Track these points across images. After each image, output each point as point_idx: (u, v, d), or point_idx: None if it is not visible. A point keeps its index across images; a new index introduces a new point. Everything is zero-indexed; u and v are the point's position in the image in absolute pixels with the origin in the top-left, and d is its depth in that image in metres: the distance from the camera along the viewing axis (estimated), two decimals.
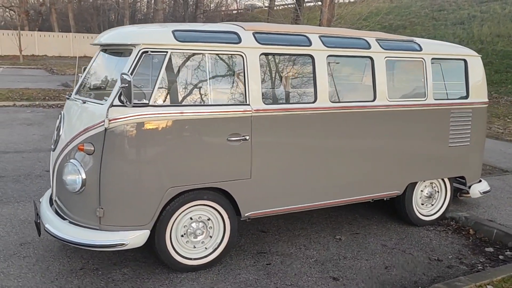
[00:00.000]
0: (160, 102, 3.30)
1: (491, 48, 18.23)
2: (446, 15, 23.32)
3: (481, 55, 4.88)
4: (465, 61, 4.64)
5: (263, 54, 3.66)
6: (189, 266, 3.57)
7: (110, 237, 3.25)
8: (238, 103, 3.54)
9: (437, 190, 4.78)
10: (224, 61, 3.57)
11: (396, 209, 4.74)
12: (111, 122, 3.13)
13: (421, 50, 4.37)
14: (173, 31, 3.34)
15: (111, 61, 3.77)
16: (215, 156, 3.46)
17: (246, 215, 3.71)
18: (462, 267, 3.90)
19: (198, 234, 3.58)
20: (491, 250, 4.23)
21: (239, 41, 3.53)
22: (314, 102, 3.82)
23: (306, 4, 21.39)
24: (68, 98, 3.79)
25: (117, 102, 3.16)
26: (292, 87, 4.14)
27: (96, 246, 3.27)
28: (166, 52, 3.28)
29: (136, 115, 3.16)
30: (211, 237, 3.65)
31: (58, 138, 3.62)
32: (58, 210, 3.55)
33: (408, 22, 24.37)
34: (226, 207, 3.62)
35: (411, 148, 4.37)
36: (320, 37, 3.90)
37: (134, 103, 3.13)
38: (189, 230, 3.55)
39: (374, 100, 4.10)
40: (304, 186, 3.90)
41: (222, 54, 3.52)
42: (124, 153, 3.21)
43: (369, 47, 4.09)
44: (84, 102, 3.50)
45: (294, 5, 18.02)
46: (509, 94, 15.18)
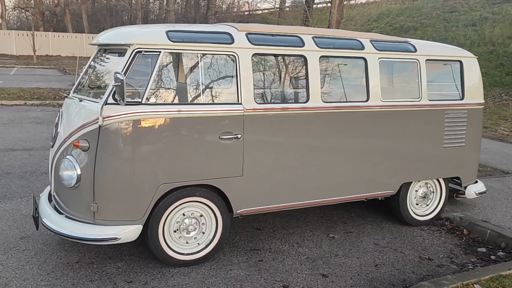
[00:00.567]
0: (153, 100, 3.40)
1: (503, 50, 18.05)
2: (457, 17, 23.13)
3: (477, 57, 4.89)
4: (460, 62, 4.67)
5: (256, 55, 3.74)
6: (181, 261, 3.66)
7: (104, 231, 3.35)
8: (230, 102, 3.62)
9: (432, 191, 4.80)
10: (217, 61, 3.65)
11: (390, 208, 4.78)
12: (105, 119, 3.24)
13: (415, 51, 4.41)
14: (166, 32, 3.44)
15: (108, 60, 3.88)
16: (207, 154, 3.55)
17: (238, 212, 3.79)
18: (453, 267, 3.93)
19: (191, 230, 3.67)
20: (484, 250, 4.25)
21: (232, 41, 3.61)
22: (307, 102, 3.88)
23: (316, 5, 21.38)
24: (66, 97, 3.92)
25: (111, 100, 3.27)
26: (284, 87, 4.21)
27: (90, 240, 3.37)
28: (159, 52, 3.38)
29: (129, 113, 3.26)
30: (204, 233, 3.74)
31: (56, 135, 3.74)
32: (56, 205, 3.67)
33: (419, 23, 24.23)
34: (218, 204, 3.71)
35: (405, 148, 4.41)
36: (313, 38, 3.96)
37: (127, 102, 3.23)
38: (181, 226, 3.64)
39: (367, 100, 4.15)
40: (296, 185, 3.97)
41: (215, 54, 3.61)
42: (117, 149, 3.31)
43: (362, 48, 4.14)
44: (80, 100, 3.62)
45: (304, 6, 18.08)
46: None
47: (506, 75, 16.46)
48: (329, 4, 16.07)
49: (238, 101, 3.62)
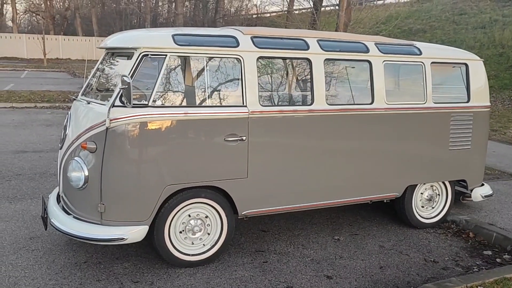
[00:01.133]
0: (159, 103, 3.45)
1: None
2: (467, 19, 23.02)
3: (483, 59, 4.89)
4: (466, 65, 4.67)
5: (261, 58, 3.78)
6: (187, 261, 3.71)
7: (111, 231, 3.40)
8: (235, 105, 3.66)
9: (437, 193, 4.80)
10: (222, 64, 3.70)
11: (396, 211, 4.78)
12: (112, 121, 3.29)
13: (420, 54, 4.42)
14: (172, 35, 3.49)
15: (116, 63, 3.94)
16: (213, 155, 3.59)
17: (243, 214, 3.83)
18: (458, 269, 3.93)
19: (196, 231, 3.71)
20: (489, 253, 4.24)
21: (237, 45, 3.66)
22: (311, 104, 3.92)
23: (324, 8, 21.39)
24: (74, 99, 3.98)
25: (118, 103, 3.33)
26: (289, 90, 4.25)
27: (97, 240, 3.43)
28: (166, 55, 3.43)
29: (135, 115, 3.31)
30: (209, 234, 3.78)
31: (65, 137, 3.81)
32: (64, 205, 3.73)
33: (428, 26, 24.14)
34: (224, 205, 3.74)
35: (410, 150, 4.41)
36: (318, 41, 4.00)
37: (134, 104, 3.29)
38: (187, 227, 3.68)
39: (372, 103, 4.17)
40: (300, 187, 3.99)
41: (220, 58, 3.65)
42: (124, 151, 3.37)
43: (367, 51, 4.17)
44: (88, 103, 3.68)
45: (311, 9, 18.12)
46: None
47: None
48: (337, 7, 16.08)
49: (243, 103, 3.66)
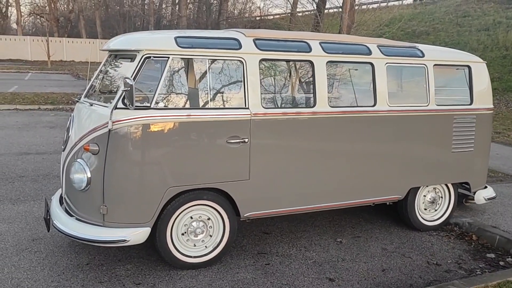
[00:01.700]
0: (161, 105, 3.46)
1: None
2: (470, 21, 22.98)
3: (486, 62, 4.87)
4: (469, 67, 4.66)
5: (263, 60, 3.78)
6: (189, 263, 3.71)
7: (113, 233, 3.41)
8: (238, 107, 3.66)
9: (440, 196, 4.79)
10: (225, 66, 3.70)
11: (399, 213, 4.77)
12: (115, 123, 3.30)
13: (423, 56, 4.42)
14: (175, 38, 3.50)
15: (119, 66, 3.95)
16: (215, 157, 3.59)
17: (245, 216, 3.83)
18: (461, 272, 3.91)
19: (198, 233, 3.71)
20: (492, 256, 4.22)
21: (240, 47, 3.66)
22: (314, 106, 3.92)
23: (327, 10, 21.42)
24: (77, 101, 4.00)
25: (120, 105, 3.33)
26: (291, 92, 4.25)
27: (99, 241, 3.43)
28: (168, 57, 3.44)
29: (138, 117, 3.32)
30: (211, 236, 3.78)
31: (67, 139, 3.82)
32: (67, 207, 3.74)
33: (431, 28, 24.12)
34: (226, 207, 3.75)
35: (412, 153, 4.41)
36: (320, 43, 4.00)
37: (136, 106, 3.30)
38: (189, 229, 3.68)
39: (374, 105, 4.17)
40: (302, 189, 3.99)
41: (222, 60, 3.66)
42: (126, 153, 3.37)
43: (369, 53, 4.17)
44: (91, 105, 3.69)
45: (315, 11, 18.14)
46: None
47: None
48: (340, 9, 16.09)
49: (245, 105, 3.67)
